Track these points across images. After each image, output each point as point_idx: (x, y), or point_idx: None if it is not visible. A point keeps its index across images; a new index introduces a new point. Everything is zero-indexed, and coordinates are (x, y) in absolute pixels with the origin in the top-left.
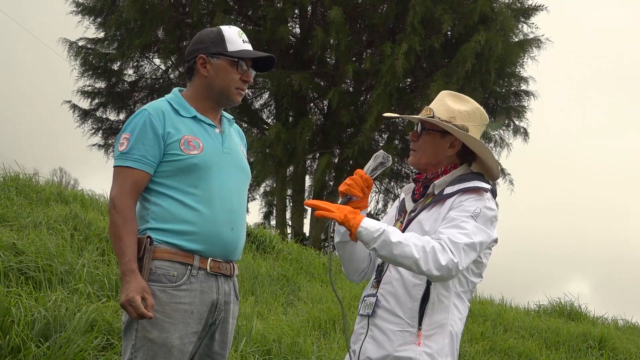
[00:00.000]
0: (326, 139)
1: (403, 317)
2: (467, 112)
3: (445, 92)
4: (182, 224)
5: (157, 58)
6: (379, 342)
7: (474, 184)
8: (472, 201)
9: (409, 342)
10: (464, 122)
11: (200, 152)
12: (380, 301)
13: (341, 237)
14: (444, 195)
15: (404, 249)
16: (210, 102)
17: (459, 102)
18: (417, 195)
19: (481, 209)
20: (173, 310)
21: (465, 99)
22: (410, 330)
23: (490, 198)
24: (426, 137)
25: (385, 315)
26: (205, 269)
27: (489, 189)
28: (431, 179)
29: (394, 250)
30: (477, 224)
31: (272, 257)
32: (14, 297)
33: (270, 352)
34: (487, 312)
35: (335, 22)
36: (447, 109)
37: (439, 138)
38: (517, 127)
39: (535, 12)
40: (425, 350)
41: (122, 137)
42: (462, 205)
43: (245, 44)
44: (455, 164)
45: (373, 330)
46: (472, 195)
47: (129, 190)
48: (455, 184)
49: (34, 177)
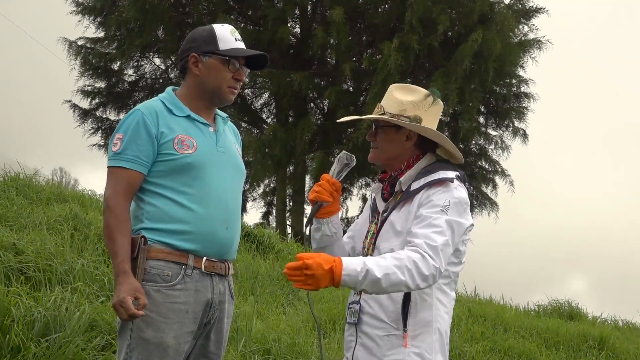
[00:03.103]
0: (326, 138)
1: (387, 321)
2: (416, 102)
3: (394, 85)
4: (177, 224)
5: (157, 58)
6: (369, 349)
7: (438, 176)
8: (439, 194)
9: (396, 346)
10: (414, 112)
11: (194, 151)
12: (364, 307)
13: (317, 243)
14: (411, 192)
15: (391, 279)
16: (203, 101)
17: (407, 93)
18: (387, 195)
19: (449, 200)
20: (168, 310)
21: (414, 88)
22: (395, 333)
23: (458, 186)
24: (382, 135)
25: (371, 321)
26: (200, 268)
27: (454, 177)
28: (396, 176)
29: (383, 284)
30: (449, 217)
31: (272, 257)
32: (14, 297)
33: (270, 352)
34: (487, 312)
35: (336, 22)
36: (396, 102)
37: (395, 133)
38: (517, 128)
39: (536, 14)
40: (413, 350)
41: (116, 137)
42: (431, 201)
43: (238, 42)
44: (417, 156)
45: (362, 337)
46: (439, 188)
47: (122, 190)
48: (421, 177)
49: (34, 177)
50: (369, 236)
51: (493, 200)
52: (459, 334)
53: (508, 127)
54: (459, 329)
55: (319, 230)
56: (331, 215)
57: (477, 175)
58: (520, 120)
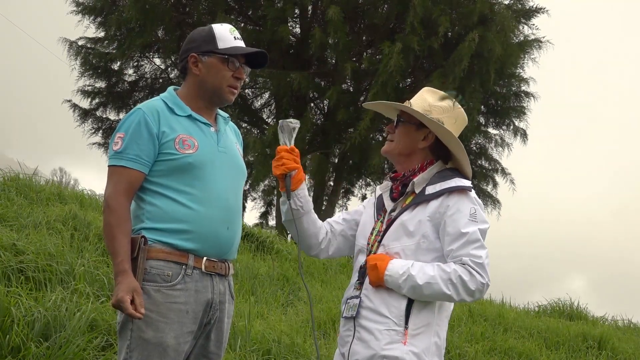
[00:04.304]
0: (326, 138)
1: (389, 317)
2: (443, 107)
3: (426, 88)
4: (177, 223)
5: (157, 58)
6: (366, 342)
7: (456, 184)
8: (463, 202)
9: (395, 341)
10: (439, 115)
11: (196, 151)
12: (364, 302)
13: (285, 216)
14: (426, 195)
15: (433, 288)
16: (203, 101)
17: (437, 97)
18: (396, 194)
19: (475, 208)
20: (168, 309)
21: (445, 95)
22: (396, 329)
23: (474, 194)
24: (402, 128)
25: (370, 315)
26: (200, 268)
27: (471, 186)
28: (409, 176)
29: (424, 292)
30: (479, 225)
31: (271, 257)
32: (14, 297)
33: (270, 352)
34: (487, 312)
35: (333, 21)
36: (425, 102)
37: (414, 130)
38: (517, 127)
39: (536, 14)
40: (411, 349)
41: (117, 137)
42: (457, 210)
43: (237, 41)
44: (430, 160)
45: (360, 331)
46: (461, 196)
47: (123, 189)
48: (436, 183)
49: (34, 177)
50: (374, 233)
51: (495, 197)
52: (459, 334)
53: (509, 127)
54: (459, 329)
55: (284, 203)
56: (301, 183)
57: (477, 173)
58: (520, 120)
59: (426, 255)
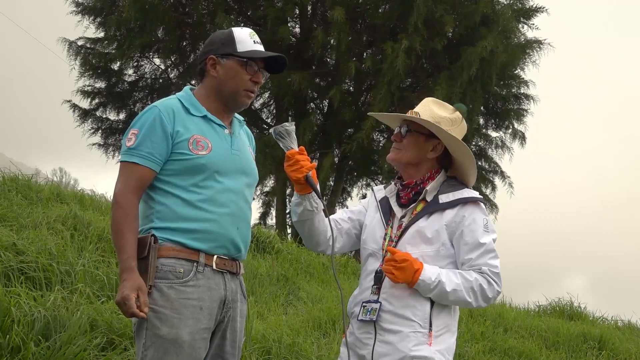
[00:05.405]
0: (326, 138)
1: (415, 320)
2: (451, 119)
3: (430, 99)
4: (187, 223)
5: (157, 58)
6: (392, 344)
7: (469, 194)
8: (477, 214)
9: (422, 343)
10: (448, 127)
11: (209, 152)
12: (385, 306)
13: (298, 217)
14: (441, 204)
15: (457, 296)
16: (219, 104)
17: (444, 109)
18: (405, 201)
19: (487, 219)
20: (181, 306)
21: (449, 107)
22: (422, 331)
23: (484, 205)
24: (410, 138)
25: (394, 319)
26: (211, 265)
27: (483, 198)
28: (421, 184)
29: (450, 297)
30: (491, 235)
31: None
32: (14, 297)
33: (270, 352)
34: (487, 312)
35: (337, 23)
36: (433, 114)
37: (424, 140)
38: (516, 130)
39: (536, 14)
40: (437, 349)
41: (131, 133)
42: (473, 221)
43: (257, 45)
44: (437, 169)
45: (383, 334)
46: (474, 207)
47: (133, 186)
48: (447, 192)
49: (34, 177)
50: (387, 239)
51: (493, 202)
52: (459, 334)
53: (507, 129)
54: (459, 329)
55: (300, 205)
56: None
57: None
58: (520, 122)
59: (442, 261)
